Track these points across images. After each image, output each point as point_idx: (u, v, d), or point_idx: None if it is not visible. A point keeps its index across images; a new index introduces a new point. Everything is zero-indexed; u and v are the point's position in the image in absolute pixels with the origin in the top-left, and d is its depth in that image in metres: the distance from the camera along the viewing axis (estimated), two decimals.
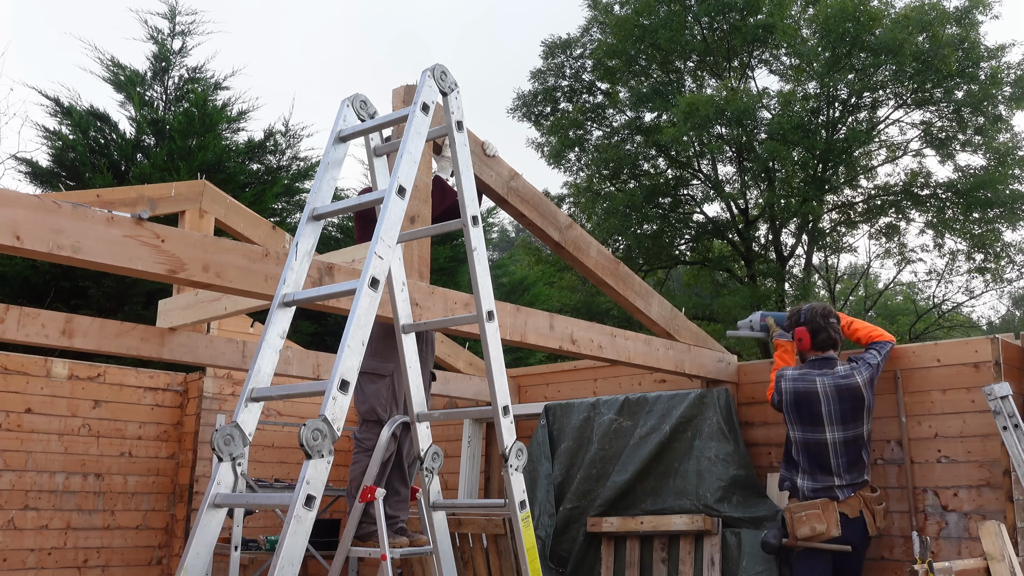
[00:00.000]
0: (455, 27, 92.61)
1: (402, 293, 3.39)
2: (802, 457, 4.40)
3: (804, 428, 4.40)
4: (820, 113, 19.95)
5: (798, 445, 4.43)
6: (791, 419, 4.46)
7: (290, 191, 11.98)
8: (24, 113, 32.55)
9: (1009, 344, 4.51)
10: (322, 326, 10.76)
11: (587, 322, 4.44)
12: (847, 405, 4.35)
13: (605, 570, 5.28)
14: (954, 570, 3.69)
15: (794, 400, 4.43)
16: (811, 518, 4.21)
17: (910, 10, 19.10)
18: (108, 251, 2.80)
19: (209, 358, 5.13)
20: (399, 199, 2.84)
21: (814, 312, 4.59)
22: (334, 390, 2.43)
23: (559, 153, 22.47)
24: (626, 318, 17.17)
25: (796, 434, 4.43)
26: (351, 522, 3.97)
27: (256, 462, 6.86)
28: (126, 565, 6.46)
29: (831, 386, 4.37)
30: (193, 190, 5.55)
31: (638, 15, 21.01)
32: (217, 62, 31.05)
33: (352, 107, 3.25)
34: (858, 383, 4.38)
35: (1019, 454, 4.09)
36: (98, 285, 9.52)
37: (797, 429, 4.43)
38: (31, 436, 6.17)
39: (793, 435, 4.45)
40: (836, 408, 4.35)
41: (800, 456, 4.41)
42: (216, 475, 2.51)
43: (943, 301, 24.31)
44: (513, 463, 3.17)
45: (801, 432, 4.41)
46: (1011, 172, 19.62)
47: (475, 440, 6.68)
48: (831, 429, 4.34)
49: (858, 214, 21.59)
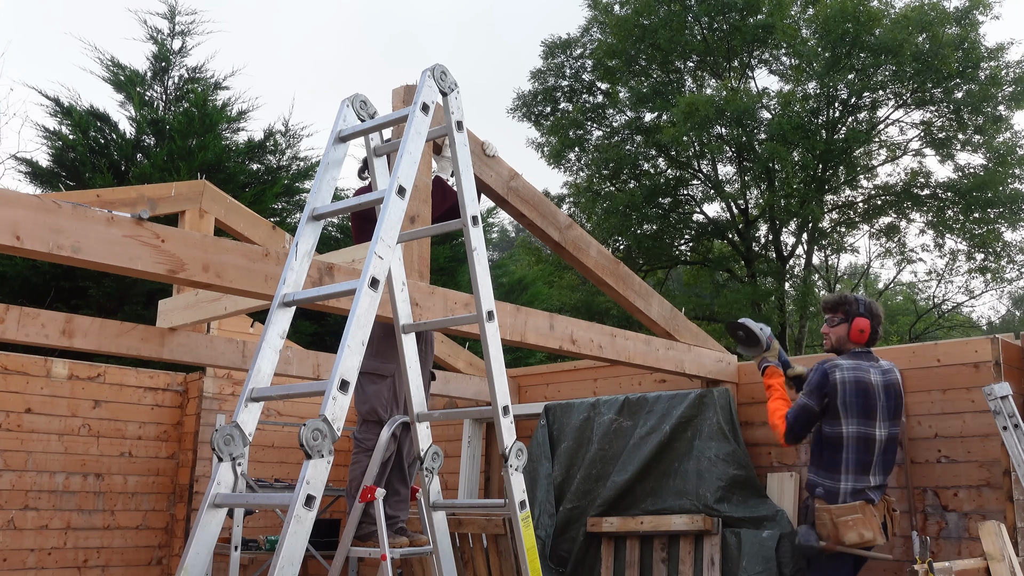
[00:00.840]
0: (455, 27, 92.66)
1: (402, 293, 3.39)
2: (850, 454, 4.08)
3: (860, 422, 4.09)
4: (820, 113, 19.96)
5: (849, 441, 4.09)
6: (847, 412, 4.09)
7: (290, 191, 11.98)
8: (24, 113, 32.59)
9: (1009, 344, 4.51)
10: (322, 326, 10.76)
11: (587, 322, 4.44)
12: (892, 402, 4.15)
13: (605, 570, 5.28)
14: (954, 570, 3.69)
15: (855, 390, 4.09)
16: (858, 523, 3.96)
17: (910, 10, 19.11)
18: (108, 251, 2.80)
19: (209, 358, 5.13)
20: (399, 199, 2.84)
21: (872, 306, 4.31)
22: (334, 390, 2.43)
23: (559, 153, 22.48)
24: (626, 318, 17.17)
25: (850, 428, 4.08)
26: (351, 522, 3.97)
27: (256, 462, 6.86)
28: (126, 565, 6.46)
29: (880, 380, 4.15)
30: (193, 190, 5.56)
31: (638, 15, 21.02)
32: (217, 62, 31.07)
33: (352, 107, 3.25)
34: (899, 380, 4.24)
35: (1019, 454, 4.09)
36: (98, 285, 9.52)
37: (852, 423, 4.08)
38: (31, 436, 6.17)
39: (846, 430, 4.09)
40: (885, 403, 4.13)
41: (848, 453, 4.08)
42: (216, 475, 2.51)
43: (943, 301, 24.34)
44: (513, 463, 3.17)
45: (856, 426, 4.09)
46: (1011, 172, 19.63)
47: (475, 440, 6.68)
48: (881, 425, 4.11)
49: (858, 214, 21.60)
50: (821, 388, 4.14)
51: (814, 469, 4.22)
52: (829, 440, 4.15)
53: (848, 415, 4.09)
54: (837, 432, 4.11)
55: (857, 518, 3.97)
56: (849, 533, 3.96)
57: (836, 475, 4.09)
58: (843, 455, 4.09)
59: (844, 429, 4.10)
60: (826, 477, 4.12)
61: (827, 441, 4.16)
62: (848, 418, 4.09)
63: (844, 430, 4.10)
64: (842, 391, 4.10)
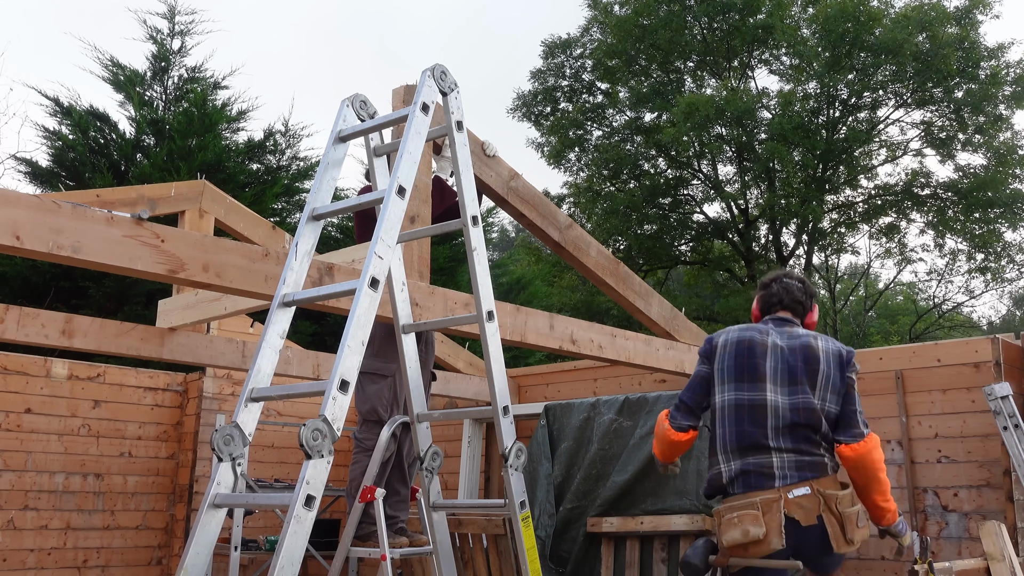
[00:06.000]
0: (454, 26, 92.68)
1: (402, 293, 3.39)
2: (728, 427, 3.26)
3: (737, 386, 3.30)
4: (820, 113, 19.96)
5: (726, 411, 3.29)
6: (721, 378, 3.33)
7: (290, 191, 11.98)
8: (24, 113, 32.60)
9: (1009, 344, 4.50)
10: (322, 326, 10.76)
11: (587, 322, 4.44)
12: (801, 365, 3.25)
13: (605, 570, 5.28)
14: (954, 570, 3.69)
15: (733, 351, 3.32)
16: (744, 519, 3.10)
17: (910, 10, 19.12)
18: (108, 251, 2.80)
19: (209, 358, 5.13)
20: (399, 199, 2.84)
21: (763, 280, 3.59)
22: (334, 390, 2.43)
23: (559, 153, 22.48)
24: (626, 318, 17.17)
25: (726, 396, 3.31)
26: (351, 522, 3.97)
27: (256, 462, 6.86)
28: (126, 565, 6.46)
29: (782, 343, 3.32)
30: (193, 190, 5.56)
31: (638, 15, 21.02)
32: (216, 61, 31.11)
33: (352, 107, 3.24)
34: (823, 347, 3.29)
35: (1019, 454, 4.09)
36: (98, 285, 9.52)
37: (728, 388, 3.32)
38: (31, 436, 6.17)
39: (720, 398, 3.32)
40: (784, 365, 3.27)
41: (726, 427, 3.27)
42: (216, 475, 2.51)
43: (943, 301, 24.36)
44: (513, 463, 3.16)
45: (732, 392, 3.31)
46: (1011, 172, 19.63)
47: (475, 440, 6.68)
48: (777, 390, 3.26)
49: (858, 214, 21.60)
50: (704, 354, 3.42)
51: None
52: (710, 419, 3.37)
53: (723, 381, 3.28)
54: (711, 404, 3.33)
55: (745, 514, 3.04)
56: (731, 531, 3.04)
57: (715, 458, 3.25)
58: (717, 430, 3.26)
59: (717, 398, 3.28)
60: (709, 465, 3.32)
61: (709, 421, 3.38)
62: (723, 384, 3.28)
63: (717, 399, 3.28)
64: (720, 355, 3.32)
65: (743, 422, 3.18)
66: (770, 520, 3.01)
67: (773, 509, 3.03)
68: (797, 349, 3.25)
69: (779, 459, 3.11)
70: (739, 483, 3.13)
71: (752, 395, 3.20)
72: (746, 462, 3.13)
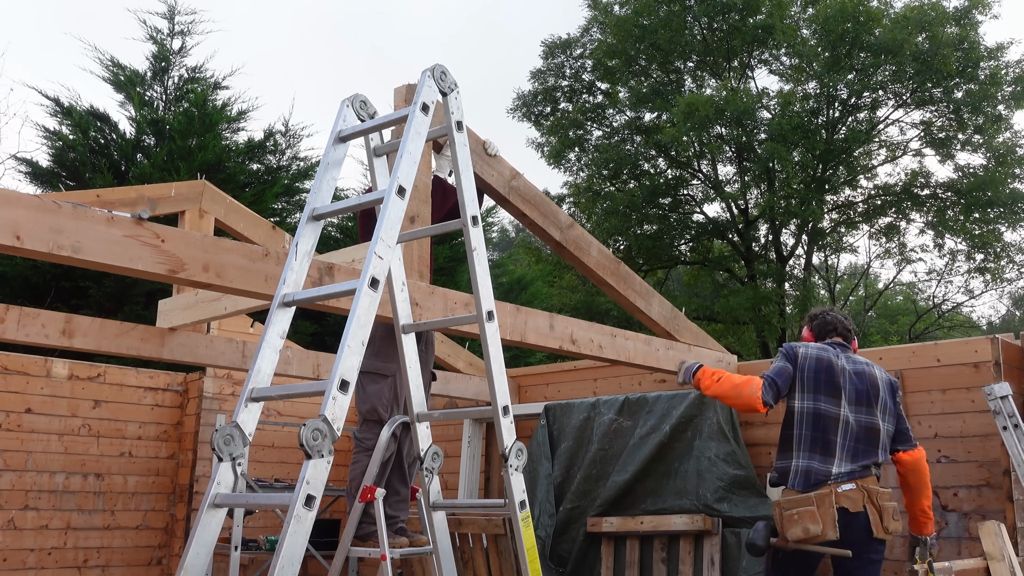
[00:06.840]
0: (454, 26, 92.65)
1: (402, 293, 3.39)
2: (804, 430, 3.82)
3: (817, 398, 3.84)
4: (820, 113, 19.95)
5: (805, 416, 3.83)
6: (803, 386, 3.85)
7: (290, 191, 11.98)
8: (24, 113, 32.57)
9: (1009, 344, 4.51)
10: (322, 326, 10.76)
11: (587, 322, 4.44)
12: (866, 388, 3.84)
13: (605, 570, 5.28)
14: (954, 570, 3.69)
15: (815, 366, 3.85)
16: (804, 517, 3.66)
17: (910, 10, 19.11)
18: (108, 251, 2.80)
19: (209, 358, 5.13)
20: (399, 199, 2.84)
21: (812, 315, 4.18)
22: (334, 390, 2.43)
23: (559, 153, 22.47)
24: (626, 318, 17.18)
25: (806, 403, 3.85)
26: (351, 522, 3.97)
27: (256, 462, 6.86)
28: (126, 565, 6.46)
29: (848, 367, 3.88)
30: (193, 190, 5.56)
31: (638, 15, 21.01)
32: (216, 62, 31.10)
33: (352, 107, 3.25)
34: (879, 374, 3.92)
35: (1019, 454, 4.09)
36: (98, 285, 9.52)
37: (808, 398, 3.85)
38: (31, 436, 6.17)
39: (801, 404, 3.84)
40: (853, 387, 3.84)
41: (802, 429, 3.83)
42: (216, 475, 2.51)
43: (943, 301, 24.36)
44: (513, 463, 3.17)
45: (812, 401, 3.84)
46: (1011, 172, 19.62)
47: (475, 440, 6.68)
48: (849, 407, 3.81)
49: (858, 214, 21.59)
50: (787, 356, 3.91)
51: (776, 455, 3.97)
52: (786, 418, 3.88)
53: (804, 389, 3.81)
54: (791, 406, 3.85)
55: (804, 511, 3.62)
56: (793, 528, 3.62)
57: (788, 453, 3.80)
58: (795, 431, 3.80)
59: (798, 403, 3.81)
60: (780, 458, 3.85)
61: (785, 420, 3.89)
62: (804, 392, 3.81)
63: (798, 404, 3.81)
64: (803, 364, 3.84)
65: (818, 429, 3.75)
66: (824, 514, 3.61)
67: (826, 503, 3.62)
68: (863, 375, 3.86)
69: (839, 466, 3.70)
70: (801, 480, 3.71)
71: (829, 407, 3.77)
72: (812, 463, 3.72)
